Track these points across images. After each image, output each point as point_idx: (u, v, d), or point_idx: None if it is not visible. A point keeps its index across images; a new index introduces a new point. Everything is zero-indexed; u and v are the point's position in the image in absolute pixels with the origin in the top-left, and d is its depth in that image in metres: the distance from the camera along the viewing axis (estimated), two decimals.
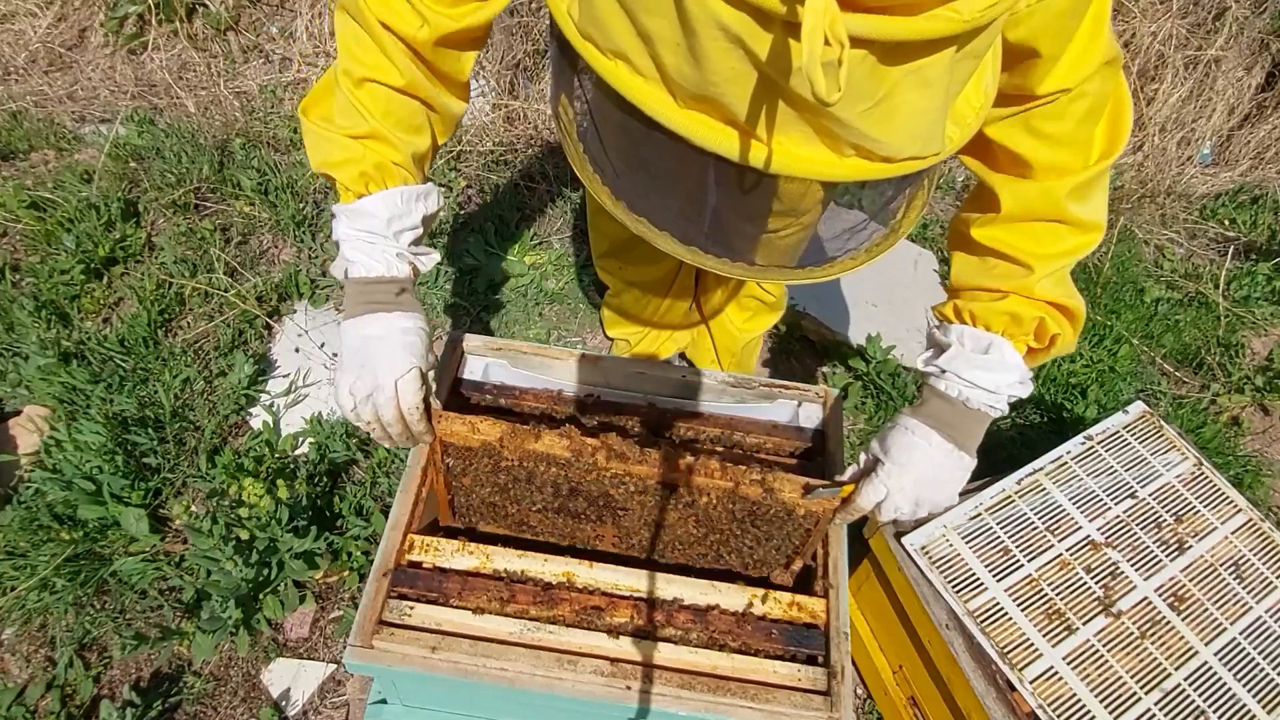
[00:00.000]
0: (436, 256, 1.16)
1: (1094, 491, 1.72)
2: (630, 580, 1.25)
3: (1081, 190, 0.95)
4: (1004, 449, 2.44)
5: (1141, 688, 1.46)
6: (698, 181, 0.66)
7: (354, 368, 1.08)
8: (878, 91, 0.56)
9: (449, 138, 1.14)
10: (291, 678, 1.94)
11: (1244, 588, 1.62)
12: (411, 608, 1.19)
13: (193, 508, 2.11)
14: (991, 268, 1.04)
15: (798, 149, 0.61)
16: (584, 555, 1.29)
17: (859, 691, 1.98)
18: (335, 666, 1.97)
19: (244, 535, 1.90)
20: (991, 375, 1.04)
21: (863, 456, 1.16)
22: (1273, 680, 1.50)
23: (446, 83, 1.09)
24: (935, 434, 1.07)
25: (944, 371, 1.07)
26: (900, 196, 0.75)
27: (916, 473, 1.08)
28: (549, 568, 1.26)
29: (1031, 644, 1.49)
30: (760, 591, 1.26)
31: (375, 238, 1.07)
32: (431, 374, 1.16)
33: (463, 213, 2.93)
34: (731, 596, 1.25)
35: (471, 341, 1.49)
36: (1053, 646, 1.49)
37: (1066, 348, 1.07)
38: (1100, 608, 1.55)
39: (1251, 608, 1.59)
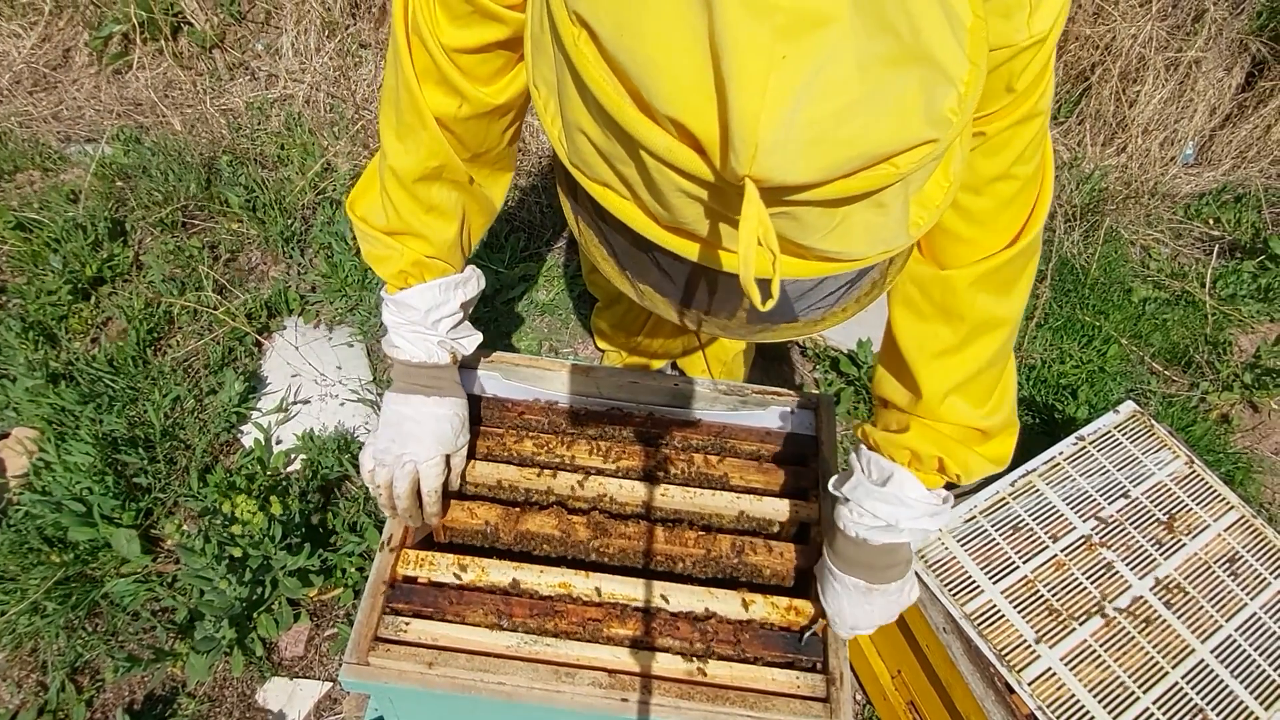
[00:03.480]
0: (479, 338, 1.26)
1: (1087, 492, 1.72)
2: (627, 589, 1.25)
3: (987, 281, 0.90)
4: None
5: (1140, 687, 1.46)
6: (690, 272, 0.70)
7: (385, 439, 1.18)
8: (831, 223, 0.58)
9: (491, 222, 1.23)
10: (287, 697, 1.92)
11: (1238, 584, 1.62)
12: (407, 623, 1.18)
13: (184, 527, 2.09)
14: (892, 382, 1.04)
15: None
16: (580, 566, 1.29)
17: (858, 697, 1.97)
18: (331, 685, 1.95)
19: (237, 554, 1.88)
20: (889, 508, 1.04)
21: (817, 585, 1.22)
22: (1270, 677, 1.51)
23: (486, 159, 1.12)
24: (849, 579, 1.11)
25: (847, 501, 1.09)
26: (880, 265, 0.76)
27: (850, 616, 1.15)
28: (545, 579, 1.25)
29: (1029, 645, 1.49)
30: (755, 596, 1.26)
31: (416, 327, 1.16)
32: (461, 453, 1.26)
33: None
34: (727, 602, 1.25)
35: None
36: (1050, 648, 1.49)
37: (989, 470, 1.04)
38: (1096, 608, 1.55)
39: (1246, 604, 1.59)
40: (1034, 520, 1.67)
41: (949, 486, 1.08)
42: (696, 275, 0.70)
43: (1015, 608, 1.54)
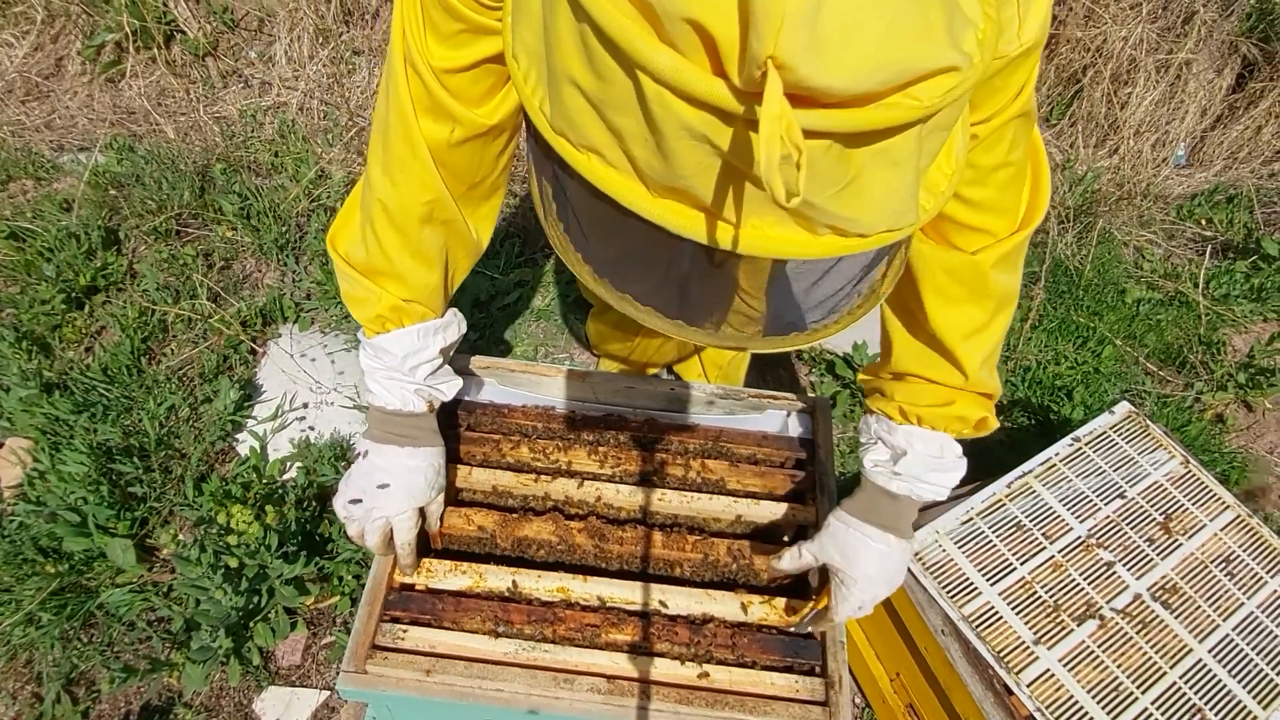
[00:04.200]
0: (458, 383, 1.21)
1: (1083, 492, 1.73)
2: (625, 593, 1.24)
3: (1006, 260, 0.97)
4: (992, 453, 2.45)
5: (1138, 687, 1.46)
6: (677, 263, 0.67)
7: (356, 489, 1.15)
8: (845, 175, 0.56)
9: (477, 258, 1.20)
10: (284, 706, 1.92)
11: (1235, 584, 1.63)
12: (405, 631, 1.18)
13: (180, 536, 2.08)
14: (933, 360, 1.07)
15: (771, 230, 0.61)
16: (578, 571, 1.29)
17: (857, 701, 1.97)
18: (329, 693, 1.94)
19: (233, 563, 1.88)
20: (944, 475, 1.09)
21: (805, 552, 1.19)
22: (1268, 676, 1.51)
23: (480, 191, 1.09)
24: (891, 535, 1.11)
25: (899, 475, 1.11)
26: (879, 264, 0.76)
27: (882, 576, 1.13)
28: (543, 584, 1.25)
29: (1027, 647, 1.49)
30: (753, 598, 1.25)
31: (392, 373, 1.12)
32: (437, 500, 1.23)
33: None
34: (725, 604, 1.25)
35: (459, 360, 1.49)
36: (1048, 649, 1.49)
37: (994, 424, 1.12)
38: (1094, 608, 1.55)
39: (1243, 603, 1.60)
40: (1031, 522, 1.67)
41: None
42: (686, 272, 0.68)
43: (1013, 609, 1.54)
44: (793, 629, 1.23)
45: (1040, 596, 1.56)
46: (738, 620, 1.25)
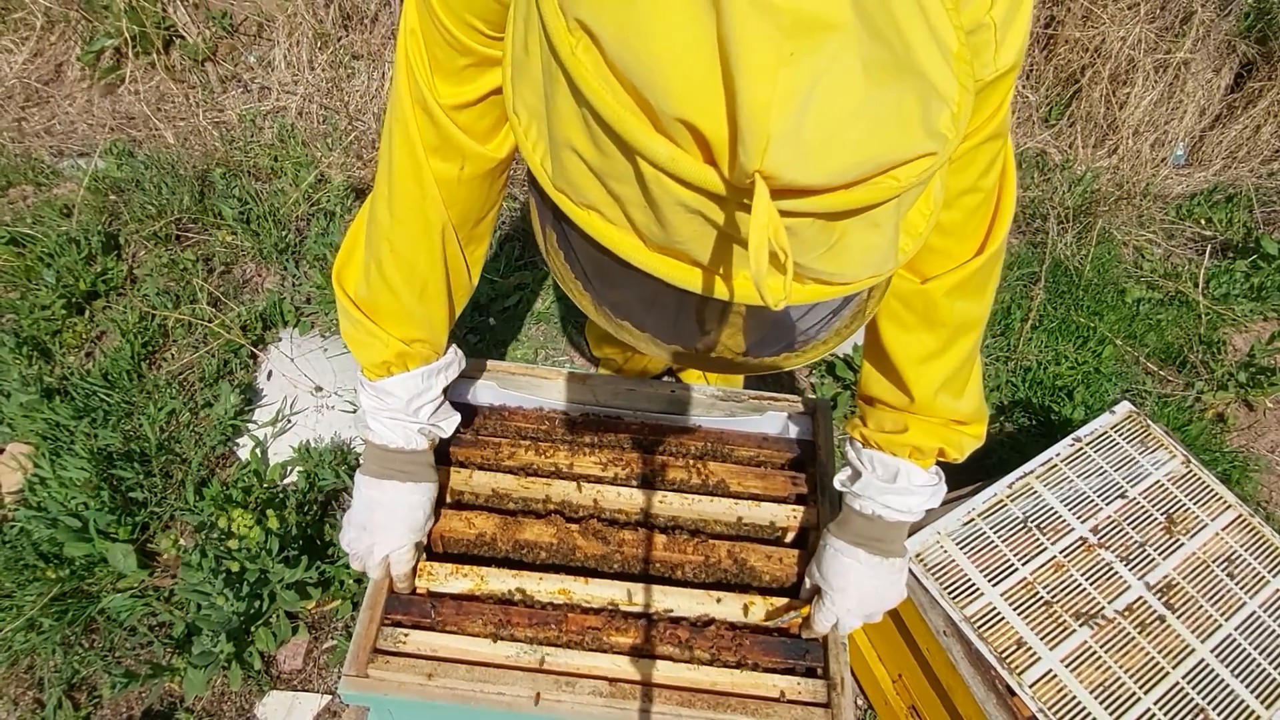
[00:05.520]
0: (457, 419, 1.24)
1: (1085, 493, 1.72)
2: (626, 595, 1.24)
3: (962, 289, 0.97)
4: (993, 454, 2.45)
5: (1140, 687, 1.46)
6: (675, 303, 0.70)
7: (357, 525, 1.19)
8: (828, 240, 0.59)
9: (470, 293, 1.20)
10: (286, 711, 1.91)
11: (1237, 583, 1.62)
12: (406, 634, 1.18)
13: (181, 541, 2.08)
14: (887, 384, 1.10)
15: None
16: (579, 573, 1.29)
17: (859, 702, 1.97)
18: (330, 697, 1.94)
19: (234, 567, 1.87)
20: (901, 499, 1.12)
21: (807, 580, 1.25)
22: (1270, 675, 1.51)
23: (479, 228, 1.10)
24: (862, 551, 1.14)
25: (859, 495, 1.15)
26: (866, 290, 0.79)
27: (857, 593, 1.16)
28: (544, 586, 1.25)
29: (1029, 648, 1.49)
30: (755, 599, 1.26)
31: (396, 414, 1.14)
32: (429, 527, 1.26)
33: None
34: (728, 606, 1.25)
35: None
36: (1050, 649, 1.49)
37: (978, 444, 1.14)
38: (1096, 609, 1.55)
39: (1246, 603, 1.60)
40: (1032, 522, 1.67)
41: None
42: (681, 306, 0.70)
43: (1015, 610, 1.54)
44: (775, 621, 1.25)
45: (1042, 597, 1.56)
46: (739, 621, 1.25)
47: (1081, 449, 1.80)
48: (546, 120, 0.65)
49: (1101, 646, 1.51)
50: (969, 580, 1.57)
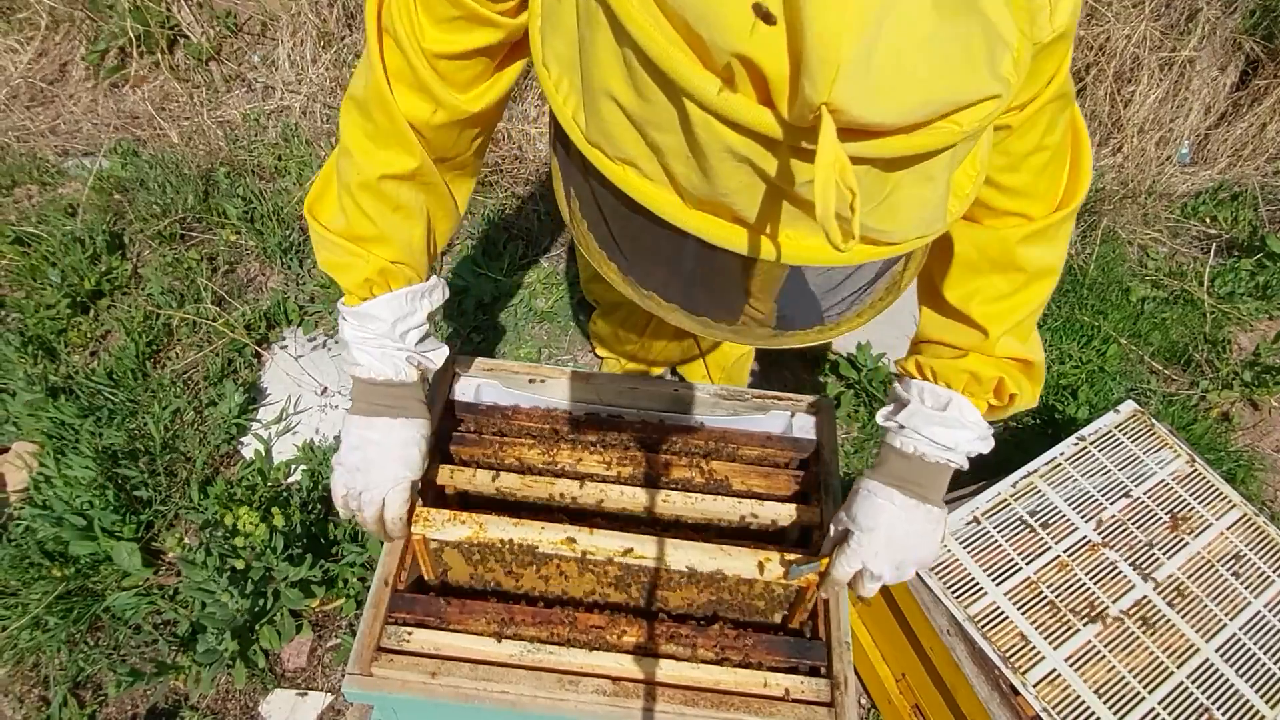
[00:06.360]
0: (445, 351, 1.18)
1: (1089, 492, 1.72)
2: (633, 545, 1.21)
3: (1038, 237, 0.95)
4: (997, 453, 2.43)
5: (1145, 687, 1.46)
6: (708, 267, 0.67)
7: (348, 467, 1.12)
8: (882, 192, 0.57)
9: (455, 228, 1.17)
10: (290, 709, 1.92)
11: (1242, 583, 1.62)
12: (410, 633, 1.18)
13: (186, 540, 2.09)
14: (952, 326, 1.05)
15: (804, 240, 0.62)
16: (583, 519, 1.27)
17: (863, 702, 1.97)
18: (334, 696, 1.95)
19: (239, 565, 1.88)
20: (949, 432, 1.05)
21: (832, 527, 1.16)
22: (1275, 675, 1.50)
23: (452, 164, 1.08)
24: (897, 493, 1.06)
25: (902, 427, 1.07)
26: (900, 261, 0.77)
27: (887, 535, 1.06)
28: (546, 535, 1.22)
29: (1033, 647, 1.49)
30: (771, 554, 1.21)
31: (382, 340, 1.08)
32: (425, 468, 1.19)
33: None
34: (740, 559, 1.20)
35: (462, 363, 1.49)
36: (1054, 649, 1.49)
37: (1027, 403, 1.07)
38: (1100, 608, 1.55)
39: (1250, 603, 1.59)
40: (1036, 521, 1.66)
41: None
42: (715, 272, 0.68)
43: (1019, 609, 1.53)
44: (789, 576, 1.19)
45: (1046, 596, 1.56)
46: (753, 577, 1.21)
47: (1086, 448, 1.80)
48: (580, 71, 0.63)
49: (1105, 646, 1.50)
50: (973, 579, 1.57)
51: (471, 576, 1.34)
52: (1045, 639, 1.50)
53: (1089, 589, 1.58)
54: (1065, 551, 1.63)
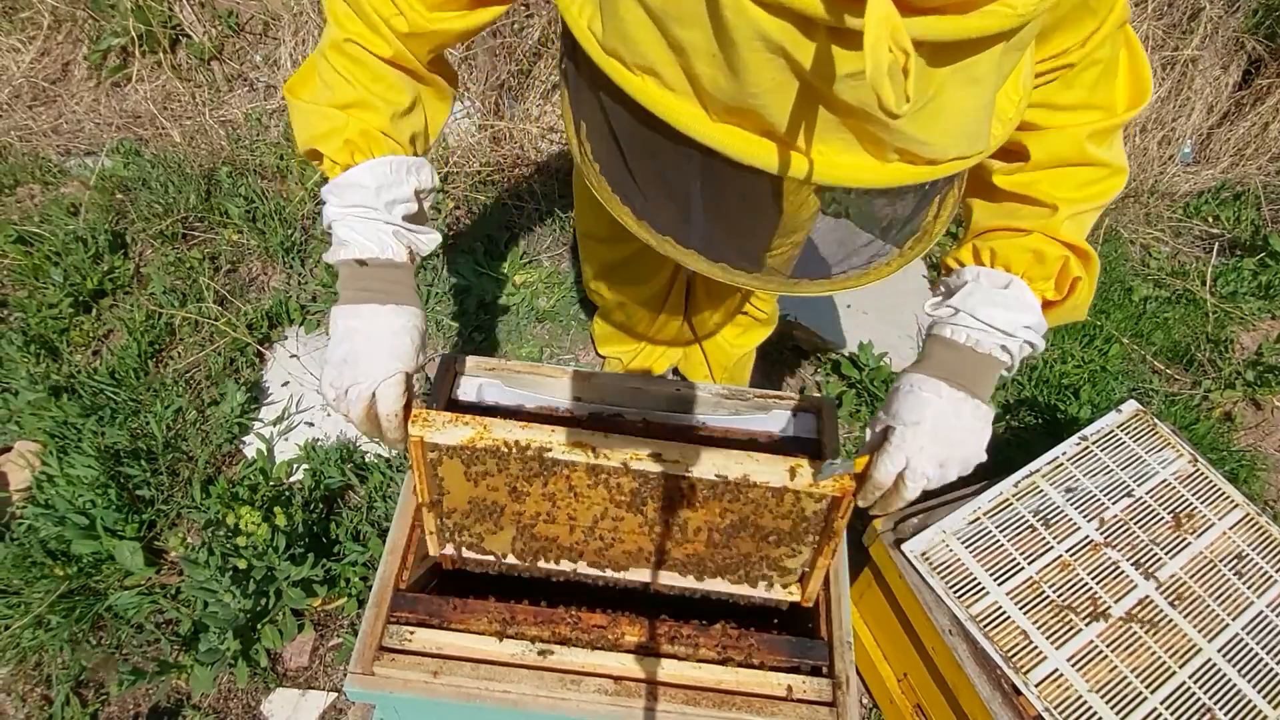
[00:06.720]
0: (437, 237, 1.09)
1: (1091, 492, 1.72)
2: (652, 452, 1.12)
3: (1103, 136, 0.93)
4: (999, 452, 2.44)
5: (1147, 687, 1.46)
6: (729, 197, 0.64)
7: (337, 361, 1.02)
8: (925, 92, 0.54)
9: (445, 119, 1.11)
10: (292, 708, 1.92)
11: (1244, 583, 1.62)
12: (412, 632, 1.18)
13: (188, 539, 2.09)
14: (1013, 211, 0.99)
15: (838, 157, 0.59)
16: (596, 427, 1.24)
17: (864, 701, 1.97)
18: (336, 695, 1.95)
19: (241, 565, 1.88)
20: (1008, 314, 0.97)
21: (869, 431, 1.07)
22: (1278, 675, 1.50)
23: (429, 65, 1.04)
24: (945, 385, 0.98)
25: (956, 312, 1.00)
26: (936, 196, 0.73)
27: (933, 430, 0.97)
28: (556, 438, 1.13)
29: (1035, 647, 1.49)
30: (802, 461, 1.13)
31: (366, 211, 1.00)
32: (421, 371, 1.10)
33: (451, 233, 2.94)
34: (770, 466, 1.12)
35: (464, 362, 1.49)
36: (1056, 649, 1.49)
37: (1082, 304, 1.01)
38: (1102, 608, 1.55)
39: (1253, 603, 1.59)
40: (1038, 521, 1.66)
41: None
42: (737, 204, 0.64)
43: (1021, 609, 1.53)
44: (821, 476, 1.09)
45: (1048, 596, 1.56)
46: (783, 485, 1.12)
47: (1088, 448, 1.80)
48: None
49: (1108, 646, 1.50)
50: (975, 579, 1.57)
51: (470, 503, 1.23)
52: (1047, 639, 1.50)
53: (1091, 589, 1.57)
54: (1067, 551, 1.62)
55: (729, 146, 0.57)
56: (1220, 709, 1.45)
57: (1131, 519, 1.69)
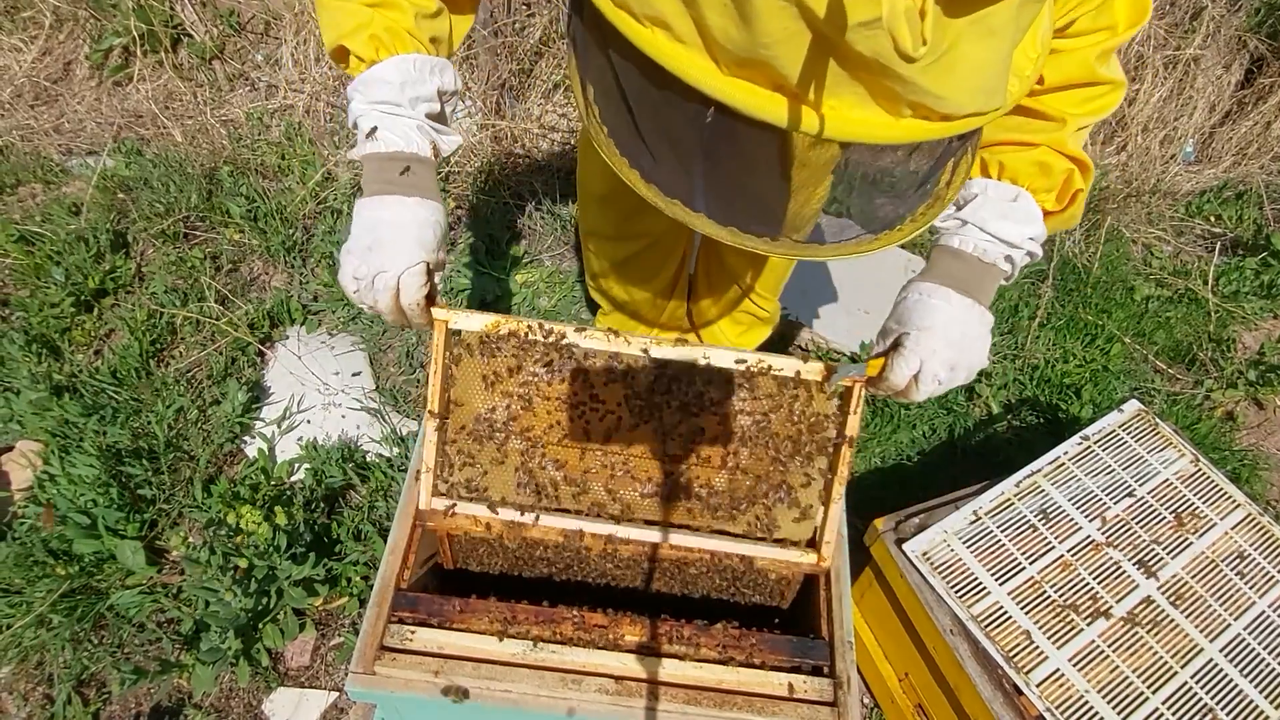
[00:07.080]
0: (459, 140, 1.12)
1: (1093, 491, 1.72)
2: (673, 338, 1.16)
3: (1107, 54, 0.95)
4: (1001, 452, 2.44)
5: (1148, 687, 1.46)
6: (739, 158, 0.63)
7: (360, 250, 1.04)
8: (940, 44, 0.53)
9: (466, 30, 1.15)
10: (293, 707, 1.92)
11: (1246, 583, 1.61)
12: (413, 632, 1.18)
13: (189, 538, 2.09)
14: (1021, 125, 1.02)
15: (851, 112, 0.58)
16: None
17: (865, 701, 1.97)
18: (338, 694, 1.95)
19: (242, 564, 1.88)
20: (1015, 226, 1.01)
21: (878, 343, 1.12)
22: (1279, 675, 1.50)
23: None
24: (953, 292, 1.03)
25: (964, 224, 1.04)
26: (950, 160, 0.72)
27: (944, 335, 1.02)
28: (584, 337, 1.16)
29: (1037, 647, 1.48)
30: (811, 360, 1.19)
31: (391, 108, 1.02)
32: (442, 268, 1.14)
33: (453, 233, 2.94)
34: (784, 359, 1.17)
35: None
36: (1058, 648, 1.49)
37: (1078, 213, 1.05)
38: (1104, 608, 1.55)
39: (1255, 603, 1.59)
40: (1040, 521, 1.66)
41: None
42: (748, 163, 0.63)
43: (1022, 609, 1.53)
44: (833, 380, 1.14)
45: (1049, 596, 1.55)
46: (794, 374, 1.17)
47: (1089, 447, 1.80)
48: None
49: (1109, 645, 1.50)
50: (976, 579, 1.57)
51: (478, 419, 1.25)
52: (1049, 638, 1.50)
53: (1093, 588, 1.57)
54: (1069, 551, 1.62)
55: (739, 100, 0.56)
56: (1222, 709, 1.44)
57: (1133, 519, 1.68)
